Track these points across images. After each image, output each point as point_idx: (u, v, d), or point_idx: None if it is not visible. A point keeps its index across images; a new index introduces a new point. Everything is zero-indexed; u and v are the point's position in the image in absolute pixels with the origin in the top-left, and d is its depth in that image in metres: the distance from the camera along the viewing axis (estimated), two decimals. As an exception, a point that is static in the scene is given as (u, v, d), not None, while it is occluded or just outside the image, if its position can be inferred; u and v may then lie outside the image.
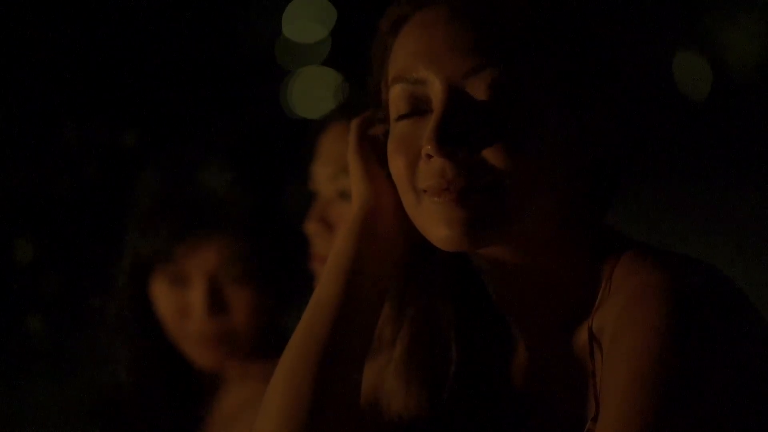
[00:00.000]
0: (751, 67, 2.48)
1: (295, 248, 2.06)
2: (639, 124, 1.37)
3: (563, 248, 1.35)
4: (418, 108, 1.32)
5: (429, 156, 1.29)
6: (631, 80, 1.37)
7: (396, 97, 1.34)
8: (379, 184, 1.40)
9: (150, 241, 2.22)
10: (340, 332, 1.35)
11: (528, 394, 1.41)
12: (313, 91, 3.04)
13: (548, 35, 1.30)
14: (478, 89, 1.29)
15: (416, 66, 1.31)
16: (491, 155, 1.28)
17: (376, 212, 1.39)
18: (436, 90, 1.30)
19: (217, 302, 2.19)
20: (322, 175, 1.99)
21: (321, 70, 3.23)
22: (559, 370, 1.37)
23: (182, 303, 2.21)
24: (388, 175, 1.38)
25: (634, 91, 1.37)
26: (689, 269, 1.28)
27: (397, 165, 1.34)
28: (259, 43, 3.37)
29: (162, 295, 2.23)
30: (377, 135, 1.44)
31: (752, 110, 2.56)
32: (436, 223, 1.31)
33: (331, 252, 1.40)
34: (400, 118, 1.34)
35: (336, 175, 1.96)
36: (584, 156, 1.33)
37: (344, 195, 1.96)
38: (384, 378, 1.47)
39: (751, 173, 2.54)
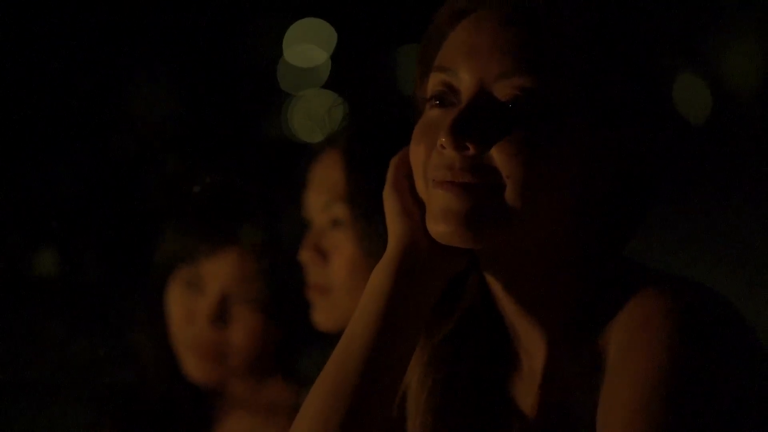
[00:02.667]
0: (750, 89, 2.47)
1: (299, 279, 2.06)
2: (666, 153, 1.38)
3: (574, 269, 1.36)
4: (449, 99, 1.36)
5: (442, 147, 1.32)
6: (662, 106, 1.38)
7: (433, 84, 1.37)
8: (415, 222, 1.39)
9: (175, 241, 2.24)
10: (373, 372, 1.34)
11: (531, 414, 1.41)
12: (313, 115, 3.03)
13: (589, 58, 1.33)
14: (505, 93, 1.31)
15: (456, 59, 1.35)
16: (497, 155, 1.30)
17: (411, 250, 1.38)
18: (466, 85, 1.33)
19: (221, 314, 2.21)
20: (315, 204, 1.98)
21: (321, 94, 3.23)
22: (562, 390, 1.37)
23: (191, 308, 2.23)
24: (424, 214, 1.38)
25: (663, 118, 1.38)
26: (695, 295, 1.28)
27: (417, 150, 1.37)
28: (261, 67, 3.37)
29: (175, 296, 2.25)
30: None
31: (751, 132, 2.56)
32: (435, 215, 1.33)
33: (365, 289, 1.39)
34: (432, 106, 1.37)
35: (329, 203, 1.95)
36: (605, 178, 1.35)
37: (337, 223, 1.95)
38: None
39: (750, 194, 2.53)
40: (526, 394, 1.43)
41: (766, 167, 2.55)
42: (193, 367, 2.24)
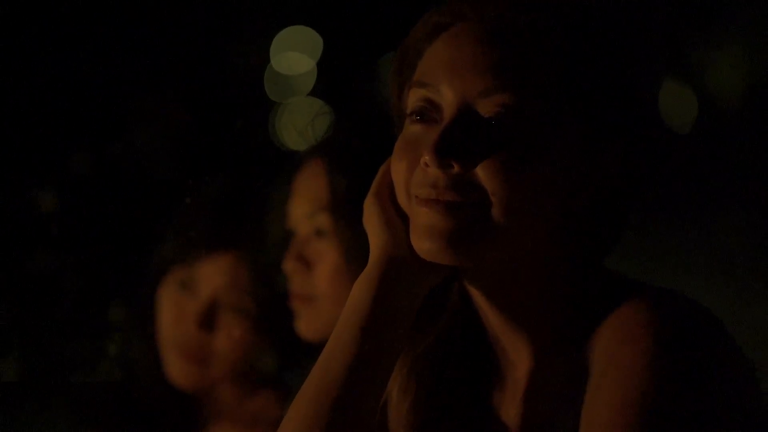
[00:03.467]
0: (736, 99, 2.48)
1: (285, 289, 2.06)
2: (647, 168, 1.38)
3: (556, 281, 1.36)
4: (430, 115, 1.35)
5: (426, 164, 1.31)
6: (646, 122, 1.38)
7: (413, 99, 1.36)
8: (397, 232, 1.39)
9: (174, 241, 2.25)
10: (356, 382, 1.34)
11: (513, 426, 1.41)
12: (298, 124, 3.03)
13: (572, 74, 1.32)
14: (488, 110, 1.31)
15: (437, 76, 1.34)
16: (482, 173, 1.30)
17: (393, 261, 1.38)
18: (448, 102, 1.33)
19: (210, 318, 2.22)
20: (299, 214, 1.99)
21: (308, 102, 3.22)
22: (544, 401, 1.37)
23: (181, 308, 2.24)
24: (406, 225, 1.38)
25: (647, 133, 1.38)
26: (676, 307, 1.29)
27: (399, 166, 1.36)
28: (248, 75, 3.37)
29: (167, 295, 2.26)
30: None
31: (737, 142, 2.56)
32: (419, 232, 1.33)
33: (348, 300, 1.39)
34: (413, 121, 1.36)
35: (312, 213, 1.96)
36: (589, 194, 1.35)
37: (321, 233, 1.96)
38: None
39: (736, 204, 2.54)
40: (509, 405, 1.42)
41: (750, 177, 2.55)
42: (176, 368, 2.25)
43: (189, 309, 2.24)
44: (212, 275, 2.23)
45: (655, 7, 2.61)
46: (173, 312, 2.26)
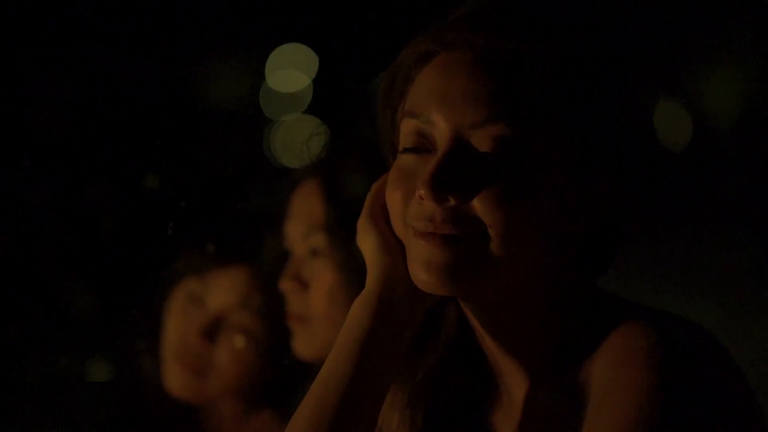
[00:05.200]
0: (731, 118, 2.48)
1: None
2: (640, 192, 1.38)
3: (552, 303, 1.36)
4: (424, 146, 1.34)
5: (422, 198, 1.31)
6: (639, 151, 1.38)
7: (406, 130, 1.36)
8: (394, 255, 1.39)
9: (188, 252, 2.26)
10: (352, 403, 1.34)
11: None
12: (295, 141, 3.03)
13: (564, 102, 1.32)
14: (482, 141, 1.30)
15: (429, 106, 1.33)
16: (479, 206, 1.29)
17: (391, 283, 1.38)
18: (442, 134, 1.32)
19: (213, 331, 2.22)
20: (295, 234, 1.99)
21: (303, 119, 3.23)
22: (542, 424, 1.37)
23: (187, 318, 2.24)
24: (402, 248, 1.38)
25: (640, 161, 1.38)
26: (678, 331, 1.29)
27: (394, 196, 1.36)
28: (243, 93, 3.37)
29: (176, 304, 2.27)
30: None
31: (732, 161, 2.57)
32: (417, 265, 1.33)
33: (346, 321, 1.39)
34: (406, 150, 1.36)
35: (308, 233, 1.96)
36: (583, 220, 1.35)
37: (316, 253, 1.96)
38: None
39: (731, 223, 2.54)
40: (507, 427, 1.42)
41: (744, 197, 2.55)
42: (175, 377, 2.25)
43: (195, 319, 2.25)
44: (223, 289, 2.25)
45: (648, 26, 2.62)
46: (179, 321, 2.27)
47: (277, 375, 2.23)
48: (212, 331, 2.25)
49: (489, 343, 1.40)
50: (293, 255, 2.00)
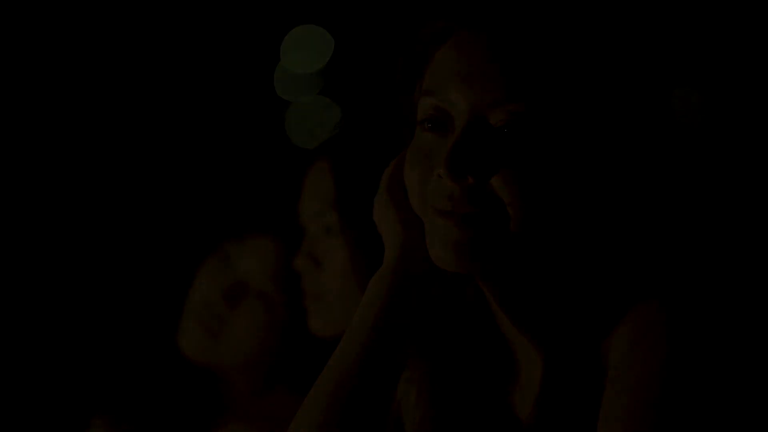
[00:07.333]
0: (745, 99, 2.48)
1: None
2: (658, 162, 1.39)
3: (568, 281, 1.37)
4: (442, 124, 1.35)
5: (440, 176, 1.32)
6: (656, 120, 1.39)
7: (424, 108, 1.36)
8: (413, 230, 1.40)
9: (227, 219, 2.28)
10: (369, 379, 1.36)
11: (529, 424, 1.42)
12: (309, 122, 3.04)
13: (581, 79, 1.32)
14: (499, 119, 1.31)
15: (447, 86, 1.33)
16: (498, 184, 1.30)
17: (409, 258, 1.39)
18: (460, 114, 1.32)
19: (234, 295, 2.23)
20: (309, 212, 1.99)
21: (318, 100, 3.23)
22: (560, 400, 1.38)
23: (212, 278, 2.25)
24: (420, 224, 1.38)
25: (657, 130, 1.39)
26: (693, 303, 1.28)
27: (412, 175, 1.37)
28: (258, 73, 3.38)
29: (207, 266, 2.27)
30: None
31: (746, 142, 2.57)
32: (435, 243, 1.33)
33: (363, 297, 1.40)
34: (424, 129, 1.36)
35: (322, 211, 1.96)
36: (599, 192, 1.35)
37: (330, 231, 1.96)
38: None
39: (742, 202, 2.54)
40: (525, 403, 1.43)
41: (754, 177, 2.56)
42: (189, 334, 2.26)
43: (220, 279, 2.26)
44: (253, 255, 2.25)
45: (663, 7, 2.61)
46: (205, 277, 2.28)
47: (293, 351, 2.24)
48: (235, 294, 2.25)
49: (506, 322, 1.41)
50: (306, 233, 2.01)
